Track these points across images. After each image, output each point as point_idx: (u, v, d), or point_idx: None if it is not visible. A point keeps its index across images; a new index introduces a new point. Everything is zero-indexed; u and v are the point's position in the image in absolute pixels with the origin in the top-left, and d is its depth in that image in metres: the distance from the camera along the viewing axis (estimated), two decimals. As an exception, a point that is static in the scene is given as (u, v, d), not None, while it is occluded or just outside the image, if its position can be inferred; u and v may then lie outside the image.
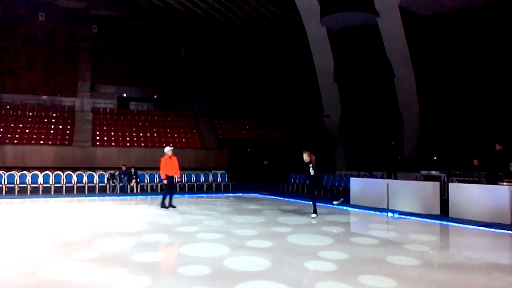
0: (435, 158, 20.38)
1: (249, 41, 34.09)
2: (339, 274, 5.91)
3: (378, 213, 12.48)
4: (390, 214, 12.00)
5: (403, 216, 11.67)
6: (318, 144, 28.15)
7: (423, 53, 23.42)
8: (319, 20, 24.88)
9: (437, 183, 12.83)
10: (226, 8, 32.61)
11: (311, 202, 11.39)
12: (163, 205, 12.59)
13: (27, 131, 23.10)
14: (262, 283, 5.44)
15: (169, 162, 12.71)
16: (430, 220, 11.14)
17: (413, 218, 11.44)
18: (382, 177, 17.85)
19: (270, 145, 26.89)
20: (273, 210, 12.91)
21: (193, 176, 20.41)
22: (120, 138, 24.50)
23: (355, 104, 26.56)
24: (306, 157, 11.05)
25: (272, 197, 16.98)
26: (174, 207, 12.61)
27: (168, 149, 12.87)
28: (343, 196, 14.32)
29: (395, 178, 17.18)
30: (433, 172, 16.52)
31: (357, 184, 15.03)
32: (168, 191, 12.90)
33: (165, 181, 12.87)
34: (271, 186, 20.22)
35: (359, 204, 13.99)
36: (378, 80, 25.41)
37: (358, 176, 18.10)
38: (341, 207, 13.76)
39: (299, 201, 15.54)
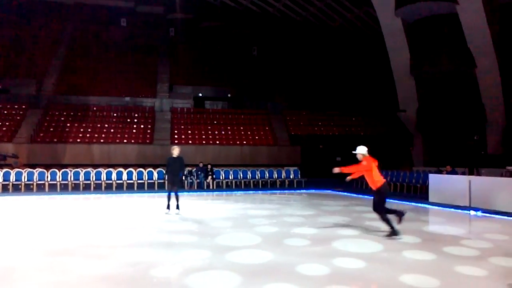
0: (523, 153, 19.10)
1: (322, 37, 33.85)
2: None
3: (459, 211, 11.95)
4: (473, 212, 11.46)
5: (487, 215, 11.08)
6: (393, 140, 27.36)
7: (507, 42, 21.96)
8: (393, 12, 24.23)
9: (526, 180, 12.07)
10: (298, 5, 32.63)
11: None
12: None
13: (112, 130, 24.64)
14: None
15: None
16: (517, 219, 10.49)
17: (498, 216, 10.82)
18: (463, 174, 17.02)
19: (343, 141, 26.50)
20: (348, 208, 12.78)
21: (266, 172, 20.75)
22: (197, 136, 25.40)
23: (433, 97, 25.50)
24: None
25: (345, 194, 16.77)
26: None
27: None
28: None
29: (478, 175, 16.35)
30: (521, 168, 15.54)
31: (436, 181, 14.48)
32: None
33: None
34: (344, 182, 20.06)
35: (438, 202, 13.50)
36: (458, 72, 24.21)
37: (437, 172, 17.40)
38: (421, 205, 13.37)
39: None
